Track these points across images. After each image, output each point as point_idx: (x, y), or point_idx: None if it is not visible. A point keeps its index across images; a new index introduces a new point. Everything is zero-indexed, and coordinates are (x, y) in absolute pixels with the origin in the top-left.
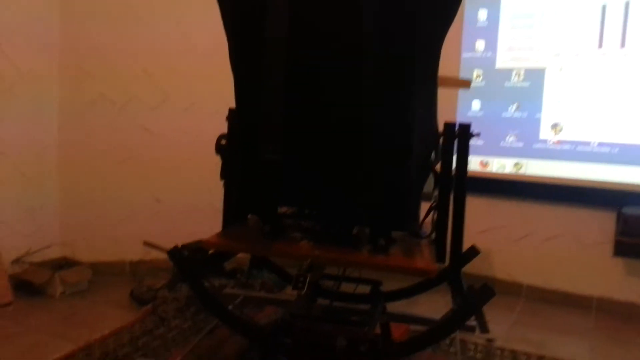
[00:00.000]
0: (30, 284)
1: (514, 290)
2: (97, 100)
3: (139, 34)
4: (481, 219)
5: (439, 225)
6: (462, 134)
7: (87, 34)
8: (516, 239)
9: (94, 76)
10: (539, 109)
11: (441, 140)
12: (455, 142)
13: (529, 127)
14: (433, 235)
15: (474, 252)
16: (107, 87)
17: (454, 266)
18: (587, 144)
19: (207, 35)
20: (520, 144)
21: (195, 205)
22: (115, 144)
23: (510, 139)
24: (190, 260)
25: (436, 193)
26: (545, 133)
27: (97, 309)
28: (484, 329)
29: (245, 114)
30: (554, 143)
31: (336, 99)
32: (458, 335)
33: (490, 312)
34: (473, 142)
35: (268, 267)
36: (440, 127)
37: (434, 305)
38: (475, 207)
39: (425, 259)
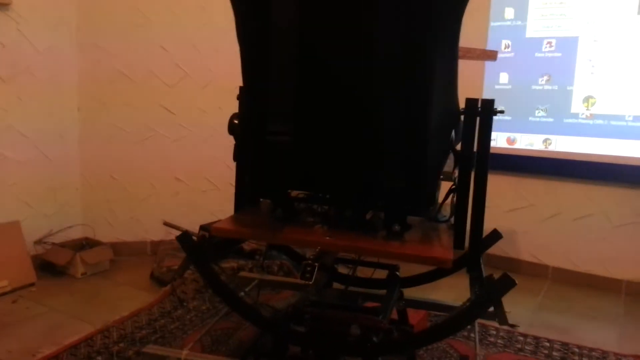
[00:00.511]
0: (53, 265)
1: (539, 272)
2: (116, 78)
3: (155, 9)
4: (508, 198)
5: (459, 209)
6: (485, 111)
7: (103, 10)
8: (544, 218)
9: (111, 53)
10: (570, 81)
11: (462, 117)
12: (478, 120)
13: (559, 100)
14: (452, 220)
15: (495, 236)
16: (125, 65)
17: (473, 253)
18: (621, 117)
19: (224, 8)
20: (551, 119)
21: (215, 184)
22: (135, 123)
23: (540, 114)
24: (199, 246)
25: (456, 174)
26: (577, 107)
27: (117, 289)
28: (503, 320)
29: (254, 93)
30: (585, 117)
31: (349, 76)
32: (478, 321)
33: (514, 296)
34: (500, 118)
35: (284, 251)
36: (462, 104)
37: (454, 290)
38: (502, 185)
39: (441, 247)
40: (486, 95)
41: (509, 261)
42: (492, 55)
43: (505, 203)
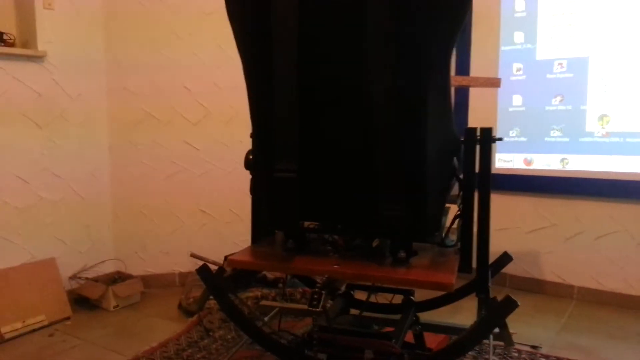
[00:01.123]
0: (87, 299)
1: (565, 293)
2: (143, 119)
3: (178, 52)
4: (529, 219)
5: (464, 234)
6: (484, 139)
7: (130, 55)
8: (566, 238)
9: (138, 95)
10: (583, 100)
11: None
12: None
13: (574, 120)
14: (458, 245)
15: (505, 259)
16: (151, 106)
17: (481, 277)
18: (637, 134)
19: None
20: (566, 139)
21: (238, 215)
22: (162, 160)
23: (555, 134)
24: (217, 278)
25: (460, 201)
26: (592, 125)
27: (147, 321)
28: (509, 341)
29: (263, 133)
30: (601, 135)
31: (346, 115)
32: (493, 342)
33: (539, 317)
34: (515, 139)
35: (303, 280)
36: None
37: (458, 312)
38: (522, 206)
39: (445, 272)
40: (501, 117)
41: (533, 282)
42: (495, 83)
43: (526, 224)
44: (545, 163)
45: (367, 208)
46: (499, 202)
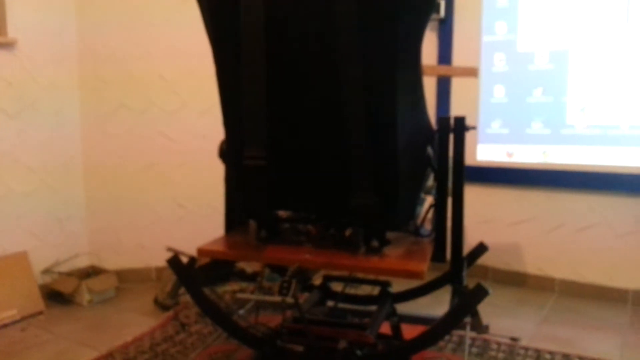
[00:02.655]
0: (60, 294)
1: (546, 285)
2: (117, 109)
3: (153, 39)
4: (510, 211)
5: (437, 223)
6: (457, 128)
7: (103, 43)
8: (547, 230)
9: (112, 84)
10: (564, 92)
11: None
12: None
13: (555, 112)
14: (433, 235)
15: (480, 249)
16: (125, 95)
17: (454, 266)
18: (617, 127)
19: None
20: (547, 131)
21: (216, 208)
22: (137, 151)
23: (537, 126)
24: (188, 269)
25: (434, 190)
26: (573, 118)
27: (122, 315)
28: (480, 329)
29: (231, 121)
30: (582, 128)
31: (318, 100)
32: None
33: (520, 309)
34: (497, 131)
35: (281, 272)
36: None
37: (439, 304)
38: (504, 199)
39: (416, 260)
40: (483, 109)
41: (515, 275)
42: (472, 73)
43: (507, 216)
44: (526, 155)
45: (339, 197)
46: (480, 194)
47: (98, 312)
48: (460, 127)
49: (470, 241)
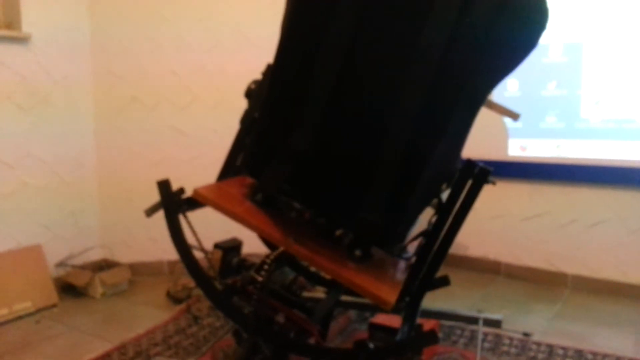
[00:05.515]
0: (73, 286)
1: (558, 280)
2: (129, 103)
3: (165, 34)
4: (523, 205)
5: (422, 254)
6: (479, 177)
7: (115, 38)
8: (560, 225)
9: (124, 79)
10: (579, 85)
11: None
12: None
13: (569, 105)
14: (413, 259)
15: (442, 282)
16: (137, 90)
17: (416, 296)
18: (633, 121)
19: (230, 32)
20: (562, 124)
21: None
22: (149, 145)
23: (551, 119)
24: (175, 194)
25: (432, 220)
26: (587, 111)
27: (135, 308)
28: None
29: (279, 98)
30: (596, 122)
31: (369, 115)
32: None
33: (532, 305)
34: (511, 125)
35: (291, 266)
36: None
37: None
38: (516, 193)
39: (390, 287)
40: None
41: (527, 270)
42: (513, 116)
43: (520, 211)
44: (540, 149)
45: (350, 205)
46: (492, 188)
47: (111, 304)
48: (482, 178)
49: (483, 237)
